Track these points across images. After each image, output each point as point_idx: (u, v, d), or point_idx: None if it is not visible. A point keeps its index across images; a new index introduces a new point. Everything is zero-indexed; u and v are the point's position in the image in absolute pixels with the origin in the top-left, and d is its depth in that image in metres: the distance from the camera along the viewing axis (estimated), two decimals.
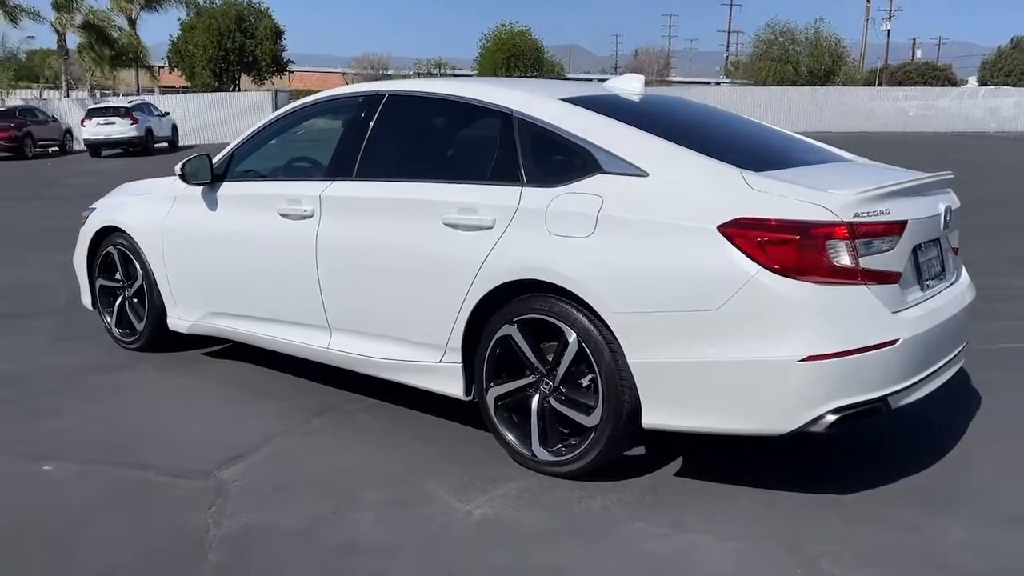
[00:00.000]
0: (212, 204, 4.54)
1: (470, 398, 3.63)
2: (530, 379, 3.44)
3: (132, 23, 42.70)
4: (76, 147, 28.85)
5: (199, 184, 4.51)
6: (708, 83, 64.49)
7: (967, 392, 4.40)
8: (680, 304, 3.01)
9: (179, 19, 49.80)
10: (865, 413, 3.00)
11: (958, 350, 3.51)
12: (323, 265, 4.00)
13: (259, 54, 50.51)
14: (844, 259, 2.91)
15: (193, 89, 49.56)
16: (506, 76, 53.58)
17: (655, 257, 3.07)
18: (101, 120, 26.20)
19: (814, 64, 52.40)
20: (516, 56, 52.81)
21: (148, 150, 26.52)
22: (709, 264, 2.96)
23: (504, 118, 3.61)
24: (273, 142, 4.56)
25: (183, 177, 4.46)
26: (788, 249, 2.88)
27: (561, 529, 3.01)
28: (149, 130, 27.05)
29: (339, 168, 4.07)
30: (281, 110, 4.56)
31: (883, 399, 2.99)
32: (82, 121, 27.01)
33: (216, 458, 3.57)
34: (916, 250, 3.27)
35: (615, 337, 3.12)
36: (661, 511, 3.13)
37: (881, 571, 2.74)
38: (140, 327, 5.05)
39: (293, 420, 4.02)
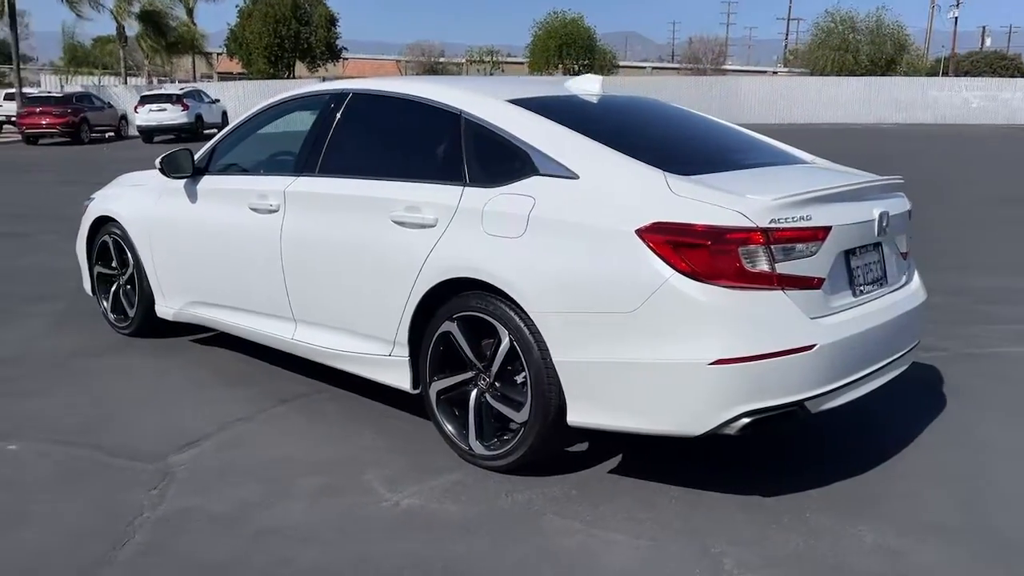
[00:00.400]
0: (193, 197, 4.71)
1: (417, 391, 3.74)
2: (469, 375, 3.52)
3: (190, 12, 43.67)
4: (131, 133, 29.67)
5: (178, 177, 4.68)
6: (764, 72, 63.43)
7: (931, 397, 4.37)
8: (601, 306, 3.07)
9: (237, 6, 50.78)
10: (781, 417, 3.02)
11: (898, 355, 3.49)
12: (287, 259, 4.13)
13: (313, 41, 51.22)
14: (759, 264, 2.94)
15: (249, 76, 50.48)
16: (559, 64, 53.56)
17: (578, 259, 3.13)
18: (153, 107, 26.96)
19: (875, 53, 51.20)
20: (568, 44, 52.63)
21: (198, 136, 27.16)
22: (627, 267, 3.01)
23: (453, 118, 3.69)
24: (251, 137, 4.71)
25: (161, 170, 4.64)
26: (701, 254, 2.91)
27: (479, 522, 3.09)
28: (199, 116, 27.75)
29: (304, 164, 4.19)
30: (259, 106, 4.71)
31: (799, 404, 3.01)
32: (135, 108, 27.80)
33: (173, 442, 3.73)
34: (848, 255, 3.27)
35: (542, 336, 3.20)
36: (583, 507, 3.19)
37: (781, 573, 2.77)
38: (132, 313, 5.26)
39: (257, 407, 4.17)
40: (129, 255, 5.15)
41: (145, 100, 27.74)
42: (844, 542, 2.95)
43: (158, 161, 4.65)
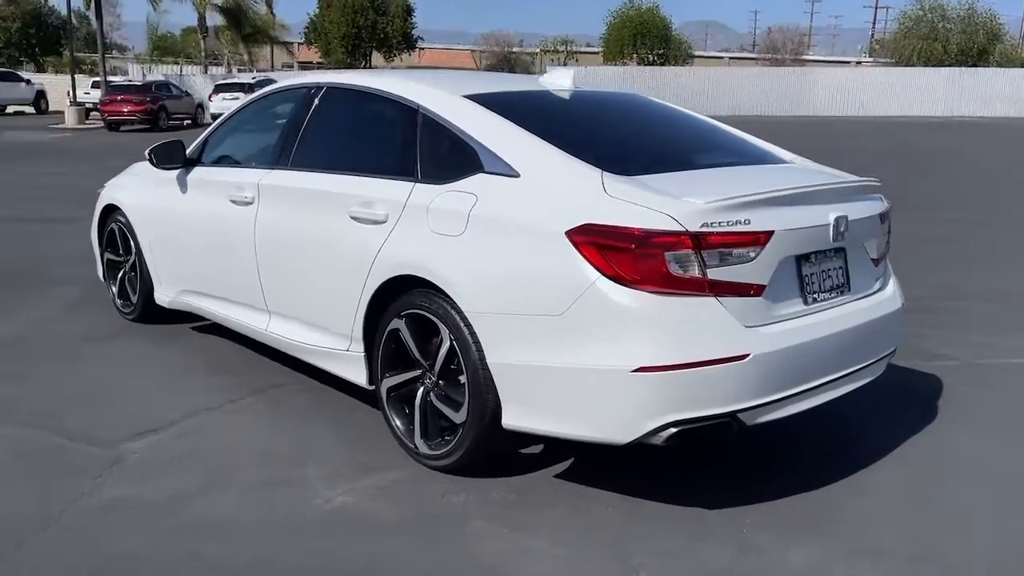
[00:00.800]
0: (184, 187, 4.79)
1: (372, 387, 3.73)
2: (417, 373, 3.50)
3: (269, 2, 44.64)
4: (207, 121, 30.53)
5: (167, 168, 4.77)
6: (848, 62, 61.48)
7: (923, 409, 4.17)
8: (532, 307, 3.00)
9: None
10: (712, 428, 2.91)
11: (862, 365, 3.32)
12: (259, 251, 4.17)
13: (390, 31, 51.84)
14: (689, 270, 2.82)
15: (328, 65, 51.43)
16: (633, 54, 52.98)
17: (513, 259, 3.06)
18: (227, 95, 27.68)
19: (966, 43, 49.02)
20: (642, 34, 52.01)
21: None
22: (556, 269, 2.93)
23: (411, 113, 3.66)
24: (240, 129, 4.76)
25: (150, 161, 4.73)
26: (626, 258, 2.82)
27: (406, 523, 3.06)
28: None
29: (278, 157, 4.22)
30: (248, 98, 4.76)
31: (732, 415, 2.89)
32: (209, 96, 28.57)
33: (135, 428, 3.80)
34: (800, 261, 3.12)
35: (479, 336, 3.15)
36: (516, 512, 3.13)
37: None
38: (134, 299, 5.40)
39: (229, 396, 4.22)
40: (132, 243, 5.29)
41: (219, 89, 28.52)
42: (770, 561, 2.82)
43: (147, 152, 4.74)
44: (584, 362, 2.89)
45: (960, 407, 4.20)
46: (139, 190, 5.23)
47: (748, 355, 2.85)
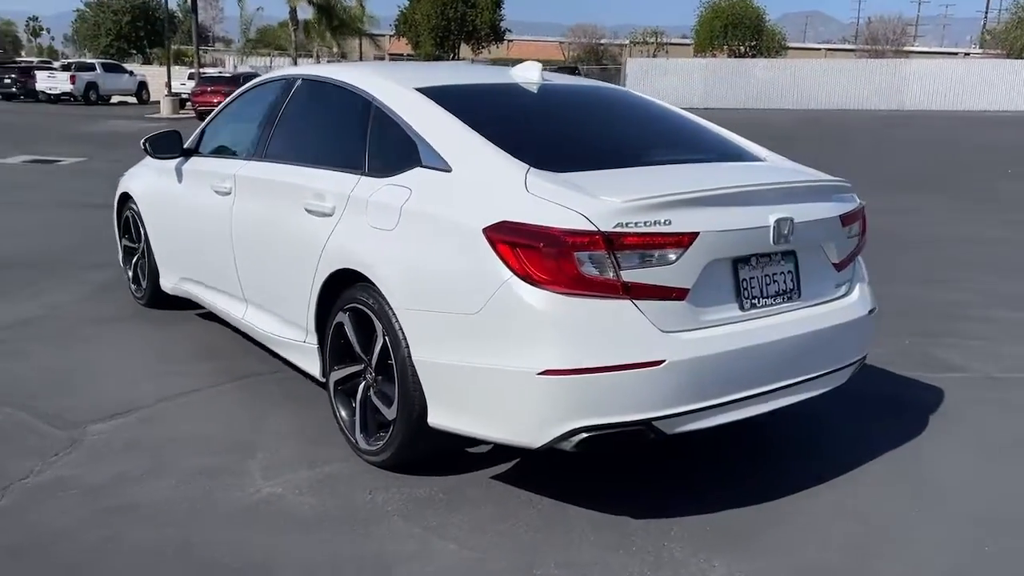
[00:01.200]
0: (179, 177, 4.91)
1: (325, 379, 3.74)
2: (359, 367, 3.49)
3: None
4: None
5: (162, 158, 4.89)
6: (955, 54, 58.67)
7: (912, 424, 3.95)
8: (453, 305, 2.94)
9: None
10: (626, 436, 2.80)
11: (815, 374, 3.14)
12: (235, 241, 4.24)
13: (479, 23, 52.06)
14: (601, 271, 2.72)
15: (417, 57, 52.05)
16: (724, 45, 51.80)
17: (436, 255, 3.02)
18: None
19: None
20: (734, 25, 50.79)
21: None
22: (474, 267, 2.87)
23: (365, 105, 3.65)
24: (231, 121, 4.84)
25: (145, 150, 4.85)
26: (536, 257, 2.73)
27: (324, 517, 3.05)
28: None
29: (254, 149, 4.27)
30: (239, 90, 4.83)
31: (646, 423, 2.78)
32: None
33: (105, 411, 3.91)
34: (737, 265, 2.98)
35: (406, 332, 3.11)
36: (437, 512, 3.09)
37: None
38: (144, 285, 5.57)
39: (208, 382, 4.30)
40: (141, 230, 5.45)
41: None
42: None
43: (143, 141, 4.86)
44: (495, 363, 2.82)
45: (954, 425, 3.95)
46: (146, 179, 5.38)
47: (663, 361, 2.73)
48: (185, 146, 4.90)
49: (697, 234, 2.81)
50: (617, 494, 3.25)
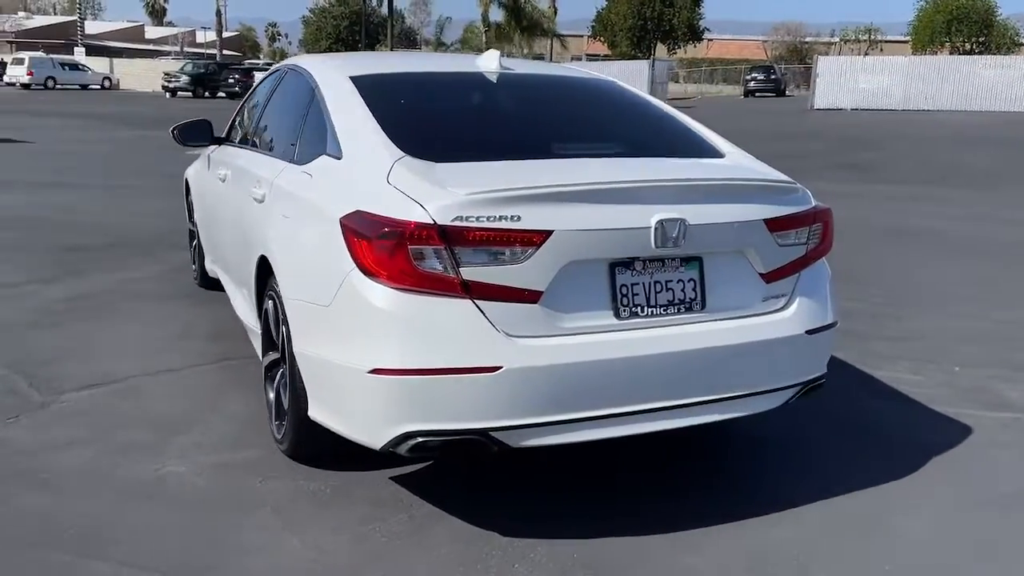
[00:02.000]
0: (208, 165, 5.13)
1: None
2: (278, 355, 3.48)
3: None
4: None
5: (190, 146, 5.12)
6: None
7: (914, 460, 3.44)
8: (315, 296, 2.85)
9: None
10: (465, 445, 2.60)
11: (708, 397, 2.78)
12: (230, 227, 4.36)
13: (676, 23, 51.12)
14: (437, 267, 2.53)
15: (612, 58, 51.86)
16: (946, 42, 47.70)
17: (308, 244, 2.96)
18: None
19: None
20: (959, 20, 46.66)
21: None
22: (330, 258, 2.77)
23: (310, 93, 3.63)
24: (245, 110, 4.97)
25: (174, 138, 5.08)
26: (371, 249, 2.58)
27: (202, 500, 3.04)
28: None
29: (248, 137, 4.39)
30: (256, 80, 4.98)
31: (483, 432, 2.56)
32: None
33: (88, 381, 4.12)
34: (615, 269, 2.68)
35: (289, 322, 3.07)
36: (313, 507, 3.01)
37: None
38: (195, 267, 5.89)
39: (196, 361, 4.45)
40: (193, 214, 5.76)
41: None
42: None
43: (171, 129, 5.09)
44: (338, 357, 2.71)
45: (948, 472, 3.39)
46: (196, 166, 5.68)
47: (500, 368, 2.51)
48: (218, 135, 5.10)
49: (550, 232, 2.55)
50: (510, 509, 3.02)
